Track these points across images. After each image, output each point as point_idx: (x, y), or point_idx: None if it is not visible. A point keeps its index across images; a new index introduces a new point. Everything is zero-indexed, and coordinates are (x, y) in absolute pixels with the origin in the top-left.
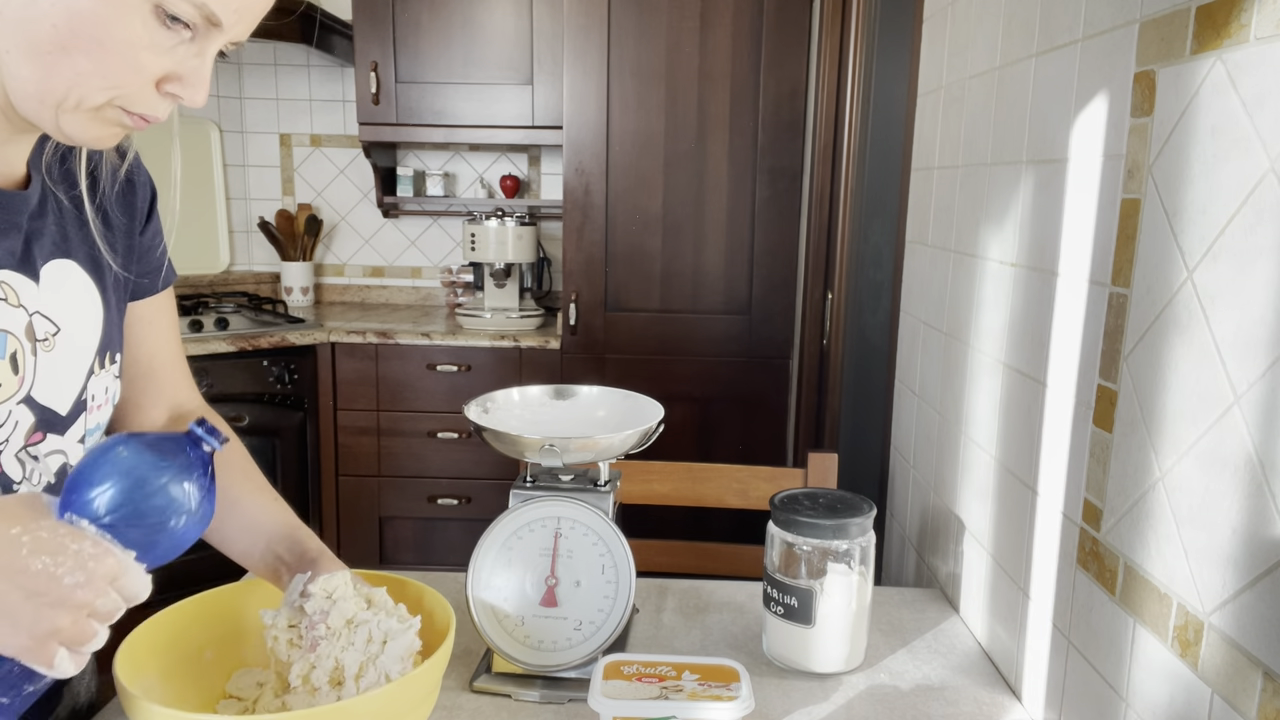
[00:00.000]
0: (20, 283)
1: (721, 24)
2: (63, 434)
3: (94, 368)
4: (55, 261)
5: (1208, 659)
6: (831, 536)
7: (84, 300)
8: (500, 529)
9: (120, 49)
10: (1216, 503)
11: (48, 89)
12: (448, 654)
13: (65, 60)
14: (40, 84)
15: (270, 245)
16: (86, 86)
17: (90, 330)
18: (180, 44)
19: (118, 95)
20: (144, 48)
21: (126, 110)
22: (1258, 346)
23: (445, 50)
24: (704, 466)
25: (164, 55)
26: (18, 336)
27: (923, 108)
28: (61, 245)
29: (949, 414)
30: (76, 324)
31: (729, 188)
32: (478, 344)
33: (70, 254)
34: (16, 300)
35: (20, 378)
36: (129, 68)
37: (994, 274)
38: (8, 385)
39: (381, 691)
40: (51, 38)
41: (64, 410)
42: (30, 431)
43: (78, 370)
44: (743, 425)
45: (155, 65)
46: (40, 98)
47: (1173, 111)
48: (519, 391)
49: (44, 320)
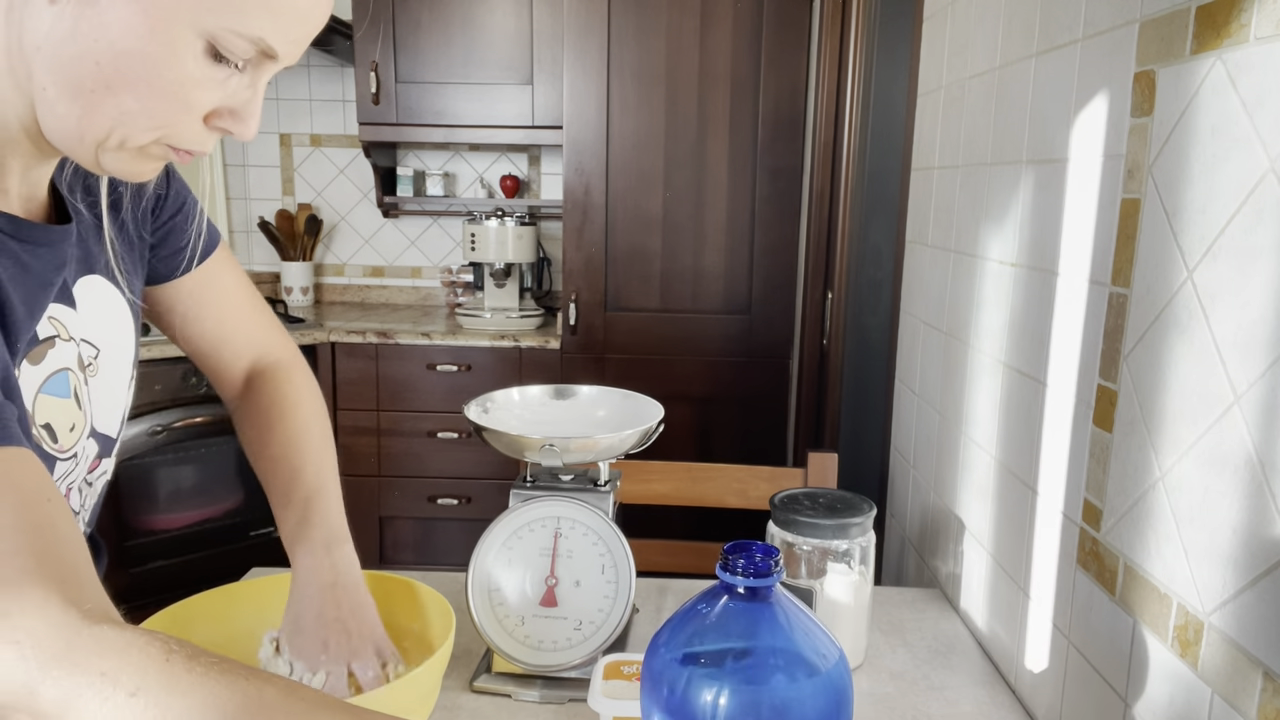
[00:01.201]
0: (65, 314)
1: (721, 24)
2: (111, 454)
3: (131, 379)
4: (84, 279)
5: (1208, 659)
6: (831, 536)
7: (114, 314)
8: (500, 529)
9: (170, 89)
10: (1216, 503)
11: (89, 127)
12: (448, 654)
13: (110, 99)
14: (81, 122)
15: (270, 245)
16: (132, 126)
17: (125, 343)
18: (232, 77)
19: (165, 134)
20: (195, 85)
21: (173, 148)
22: (1258, 346)
23: (445, 50)
24: (704, 466)
25: (215, 89)
26: (75, 371)
27: (923, 108)
28: (86, 261)
29: (949, 414)
30: (112, 340)
31: (729, 188)
32: (478, 344)
33: (94, 268)
34: (67, 334)
35: (85, 412)
36: (178, 107)
37: (994, 274)
38: (78, 424)
39: (381, 691)
40: (95, 76)
41: (115, 432)
42: (92, 460)
43: (121, 387)
44: (743, 425)
45: (206, 100)
46: (80, 136)
47: (1173, 111)
48: (519, 391)
49: (87, 346)
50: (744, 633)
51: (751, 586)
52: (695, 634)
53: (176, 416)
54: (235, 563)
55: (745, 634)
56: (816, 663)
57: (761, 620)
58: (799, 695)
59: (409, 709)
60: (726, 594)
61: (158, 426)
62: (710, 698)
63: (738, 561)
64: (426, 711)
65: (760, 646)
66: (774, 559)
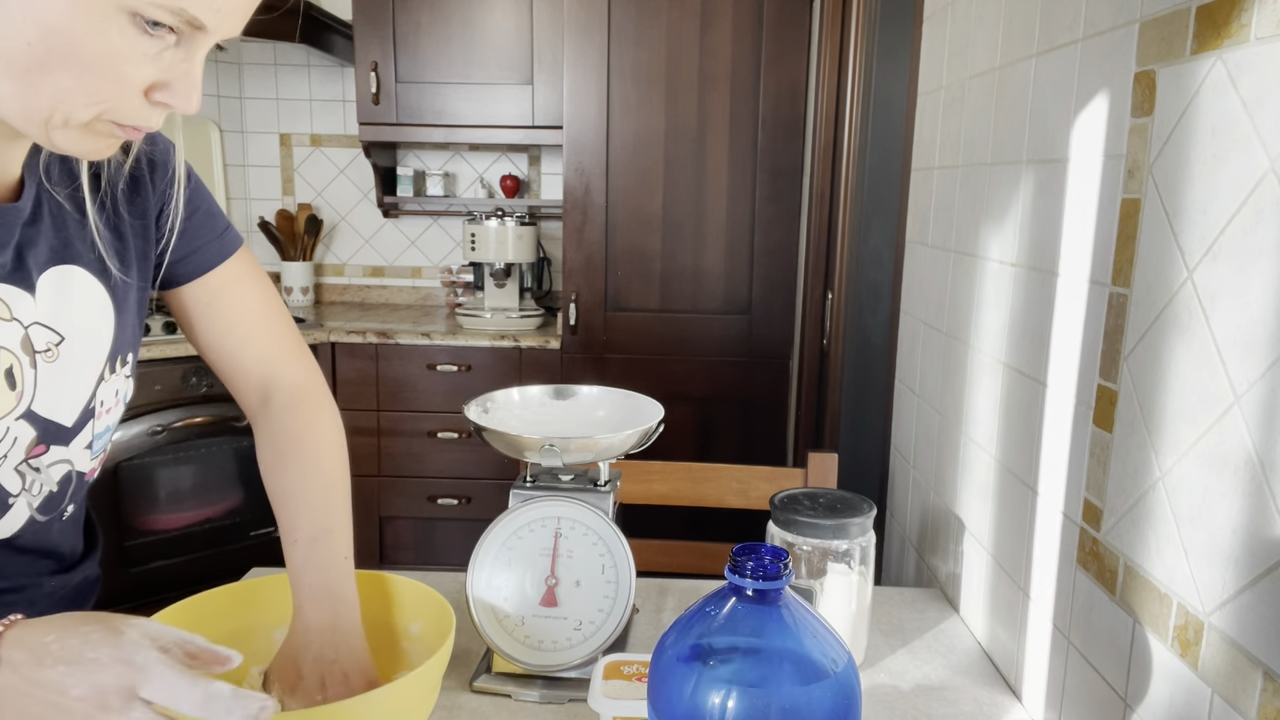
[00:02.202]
0: (14, 296)
1: (721, 24)
2: (67, 444)
3: (104, 374)
4: (55, 269)
5: (1208, 659)
6: (831, 536)
7: (91, 306)
8: (500, 529)
9: (100, 64)
10: (1216, 503)
11: (32, 107)
12: (448, 654)
13: (46, 78)
14: (24, 102)
15: (270, 245)
16: (71, 103)
17: (99, 336)
18: (165, 50)
19: (105, 109)
20: (125, 59)
21: (117, 123)
22: (1258, 346)
23: (445, 50)
24: (704, 466)
25: (149, 64)
26: (13, 351)
27: (923, 108)
28: (61, 251)
29: (949, 414)
30: (83, 331)
31: (729, 188)
32: (478, 344)
33: (72, 259)
34: (9, 314)
35: (18, 393)
36: (112, 81)
37: (994, 274)
38: (4, 402)
39: (381, 692)
40: (27, 55)
41: (69, 421)
42: (31, 445)
43: (85, 378)
44: (743, 425)
45: (140, 75)
46: (26, 115)
47: (1173, 111)
48: (519, 391)
49: (45, 331)
50: (752, 635)
51: (760, 589)
52: (703, 636)
53: (176, 416)
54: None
55: (753, 636)
56: (825, 666)
57: (770, 623)
58: (807, 699)
59: (409, 709)
60: (735, 596)
61: (158, 426)
62: (718, 700)
63: (746, 564)
64: (426, 711)
65: (768, 649)
66: (783, 561)
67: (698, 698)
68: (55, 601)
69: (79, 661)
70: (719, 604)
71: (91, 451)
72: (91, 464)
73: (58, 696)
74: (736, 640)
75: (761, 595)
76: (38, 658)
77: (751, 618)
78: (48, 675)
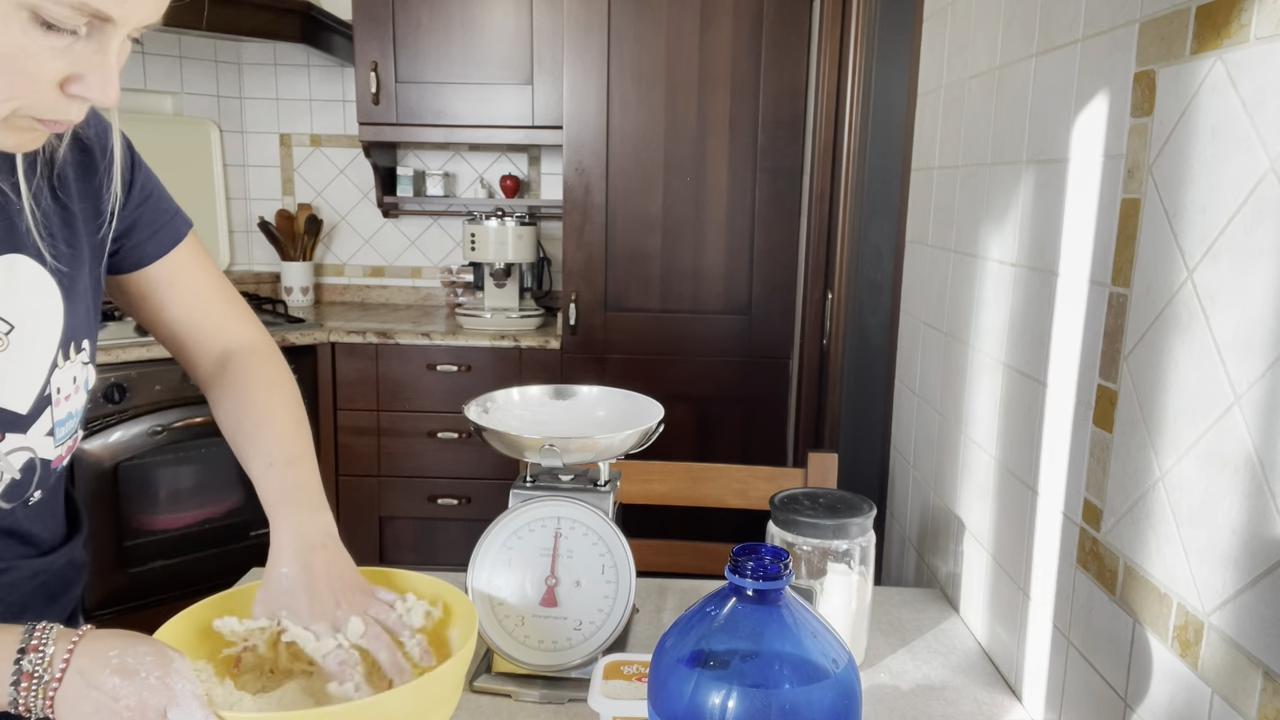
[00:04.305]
0: None
1: (721, 24)
2: (25, 431)
3: (56, 361)
4: (2, 258)
5: (1208, 659)
6: (831, 536)
7: (38, 293)
8: (500, 529)
9: (6, 61)
10: (1216, 503)
11: None
12: (470, 651)
13: None
14: None
15: (270, 245)
16: None
17: (48, 324)
18: (75, 43)
19: (20, 105)
20: (31, 56)
21: (36, 119)
22: (1258, 346)
23: (445, 50)
24: (704, 466)
25: (58, 58)
26: None
27: (923, 108)
28: (7, 240)
29: (949, 414)
30: (33, 320)
31: (729, 188)
32: (478, 344)
33: (18, 247)
34: None
35: None
36: (22, 78)
37: (994, 274)
38: None
39: (406, 689)
40: None
41: (24, 409)
42: None
43: (38, 366)
44: (743, 425)
45: (50, 70)
46: None
47: (1173, 111)
48: (519, 391)
49: None
50: (752, 635)
51: (760, 589)
52: (703, 636)
53: (176, 416)
54: (235, 563)
55: (754, 637)
56: (826, 666)
57: (770, 623)
58: (807, 699)
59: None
60: (735, 596)
61: (158, 426)
62: (718, 700)
63: (747, 564)
64: (450, 709)
65: (768, 649)
66: (783, 562)
67: (698, 698)
68: (39, 584)
69: (133, 677)
70: (719, 604)
71: (55, 439)
72: (57, 451)
73: (111, 701)
74: (737, 640)
75: (762, 595)
76: (100, 665)
77: (752, 618)
78: (105, 681)
